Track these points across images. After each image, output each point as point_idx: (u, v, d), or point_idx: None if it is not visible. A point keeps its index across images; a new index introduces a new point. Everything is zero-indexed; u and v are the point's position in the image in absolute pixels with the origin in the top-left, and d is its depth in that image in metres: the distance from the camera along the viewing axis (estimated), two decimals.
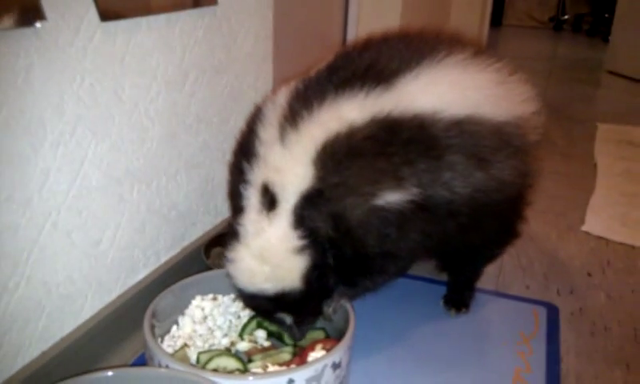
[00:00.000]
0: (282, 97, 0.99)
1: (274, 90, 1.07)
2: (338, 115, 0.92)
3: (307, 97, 0.96)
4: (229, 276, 0.97)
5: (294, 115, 0.94)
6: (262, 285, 0.92)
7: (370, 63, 0.99)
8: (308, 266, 0.92)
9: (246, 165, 0.96)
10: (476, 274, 1.29)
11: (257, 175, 0.94)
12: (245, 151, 0.99)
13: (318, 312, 1.01)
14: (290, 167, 0.91)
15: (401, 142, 0.92)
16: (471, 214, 1.00)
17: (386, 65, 0.99)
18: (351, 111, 0.92)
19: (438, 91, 0.97)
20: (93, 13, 0.89)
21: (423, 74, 0.98)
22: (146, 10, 1.01)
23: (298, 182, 0.91)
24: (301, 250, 0.91)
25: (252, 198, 0.94)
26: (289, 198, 0.91)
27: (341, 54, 1.06)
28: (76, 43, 0.87)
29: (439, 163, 0.95)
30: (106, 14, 0.91)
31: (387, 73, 0.97)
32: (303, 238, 0.91)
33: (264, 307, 0.97)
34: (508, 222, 1.17)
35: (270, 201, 0.92)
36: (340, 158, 0.90)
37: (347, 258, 0.96)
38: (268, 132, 0.96)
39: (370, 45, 1.08)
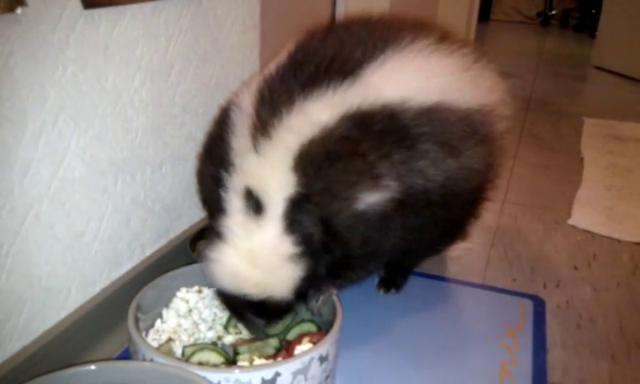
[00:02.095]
0: (248, 102, 0.97)
1: (238, 92, 1.05)
2: (308, 119, 0.90)
3: (274, 102, 0.93)
4: (208, 274, 0.95)
5: (264, 124, 0.92)
6: (248, 289, 0.90)
7: (333, 54, 0.97)
8: (301, 276, 0.90)
9: (222, 172, 0.94)
10: (417, 264, 1.30)
11: (236, 181, 0.93)
12: (217, 159, 0.98)
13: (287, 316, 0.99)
14: (270, 174, 0.89)
15: (374, 136, 0.92)
16: (444, 203, 1.00)
17: (350, 54, 0.97)
18: (321, 113, 0.91)
19: (404, 79, 0.96)
20: (75, 0, 0.87)
21: (388, 61, 0.97)
22: None
23: (281, 188, 0.89)
24: (295, 257, 0.89)
25: (234, 201, 0.92)
26: (276, 204, 0.89)
27: (302, 45, 1.04)
28: (58, 31, 0.86)
29: (412, 152, 0.94)
30: (89, 2, 0.89)
31: (352, 63, 0.96)
32: (298, 244, 0.89)
33: (241, 309, 0.95)
34: (466, 217, 1.18)
35: (255, 205, 0.90)
36: (319, 164, 0.89)
37: (335, 258, 0.95)
38: (240, 142, 0.94)
39: (332, 32, 1.06)
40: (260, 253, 0.89)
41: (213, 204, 0.99)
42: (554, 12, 6.02)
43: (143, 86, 1.07)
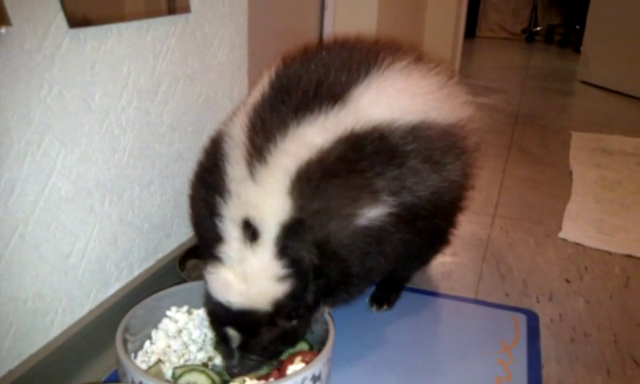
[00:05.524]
0: (239, 131, 0.98)
1: (226, 122, 1.05)
2: (304, 143, 0.92)
3: (267, 129, 0.94)
4: (205, 284, 0.94)
5: (259, 150, 0.93)
6: (232, 297, 0.90)
7: (318, 78, 1.00)
8: (285, 293, 0.90)
9: (217, 199, 0.95)
10: (408, 278, 1.31)
11: (233, 210, 0.93)
12: (211, 186, 0.98)
13: (269, 355, 0.96)
14: (266, 201, 0.90)
15: (367, 156, 0.94)
16: (429, 215, 1.03)
17: (336, 78, 1.00)
18: (315, 136, 0.92)
19: (391, 100, 1.00)
20: (61, 19, 0.87)
21: (373, 83, 1.00)
22: (117, 16, 0.99)
23: (276, 214, 0.90)
24: (282, 278, 0.89)
25: (231, 231, 0.92)
26: (270, 230, 0.89)
27: (284, 71, 1.06)
28: (43, 50, 0.85)
29: (402, 170, 0.97)
30: (75, 20, 0.89)
31: (339, 87, 0.98)
32: (286, 267, 0.89)
33: (222, 318, 0.93)
34: (447, 226, 1.21)
35: (252, 234, 0.90)
36: (317, 183, 0.90)
37: (330, 280, 0.95)
38: (235, 170, 0.95)
39: (311, 57, 1.08)
40: (251, 273, 0.89)
41: (205, 230, 0.99)
42: (538, 28, 6.09)
43: (130, 104, 1.06)
